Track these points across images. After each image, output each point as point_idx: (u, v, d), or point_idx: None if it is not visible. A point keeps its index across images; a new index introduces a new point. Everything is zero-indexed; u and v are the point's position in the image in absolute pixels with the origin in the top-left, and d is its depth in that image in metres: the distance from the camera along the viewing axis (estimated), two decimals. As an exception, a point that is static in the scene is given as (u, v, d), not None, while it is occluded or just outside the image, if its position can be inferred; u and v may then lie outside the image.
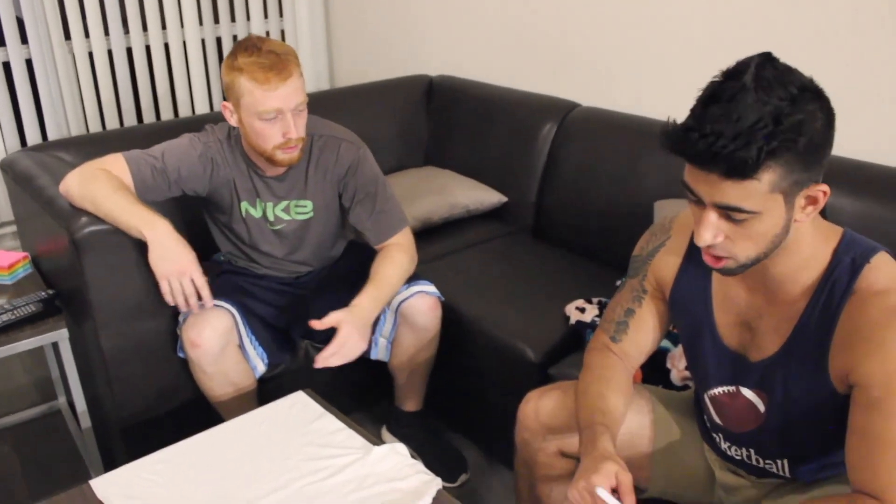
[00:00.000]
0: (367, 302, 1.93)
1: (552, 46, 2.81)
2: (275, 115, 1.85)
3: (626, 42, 2.57)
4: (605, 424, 1.35)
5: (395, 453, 1.56)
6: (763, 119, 1.02)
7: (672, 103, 2.45)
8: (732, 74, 1.08)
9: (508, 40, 2.97)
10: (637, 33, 2.52)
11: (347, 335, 1.86)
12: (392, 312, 2.06)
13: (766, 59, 1.08)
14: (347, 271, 2.18)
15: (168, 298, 1.86)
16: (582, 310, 2.06)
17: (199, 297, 1.89)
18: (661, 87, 2.50)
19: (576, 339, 2.03)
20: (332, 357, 1.86)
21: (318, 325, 1.86)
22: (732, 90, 1.05)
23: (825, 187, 1.12)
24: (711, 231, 1.13)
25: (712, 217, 1.12)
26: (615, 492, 1.22)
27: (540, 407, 1.54)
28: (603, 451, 1.27)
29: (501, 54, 3.01)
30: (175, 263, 1.83)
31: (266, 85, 1.82)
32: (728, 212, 1.10)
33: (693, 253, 1.38)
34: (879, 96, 2.02)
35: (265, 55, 1.82)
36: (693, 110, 1.09)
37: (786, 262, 1.19)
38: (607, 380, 1.45)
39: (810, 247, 1.19)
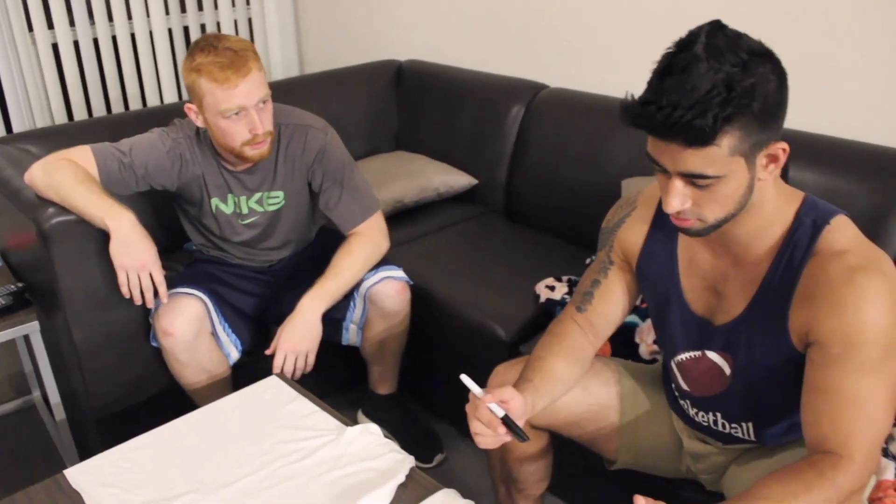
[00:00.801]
0: (308, 304, 1.95)
1: (520, 29, 2.82)
2: (238, 112, 1.84)
3: (593, 23, 2.58)
4: (535, 384, 1.40)
5: (368, 433, 1.57)
6: (716, 87, 1.05)
7: (639, 82, 2.47)
8: (684, 45, 1.10)
9: (477, 24, 2.98)
10: (604, 14, 2.54)
11: (281, 357, 1.93)
12: (361, 298, 2.07)
13: (716, 28, 1.11)
14: (319, 258, 2.18)
15: (124, 290, 1.85)
16: (552, 288, 2.08)
17: (156, 294, 1.88)
18: (628, 66, 2.52)
19: (546, 318, 2.05)
20: (281, 371, 1.92)
21: (269, 352, 1.95)
22: (685, 60, 1.08)
23: (784, 144, 1.15)
24: (679, 198, 1.16)
25: (678, 185, 1.15)
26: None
27: (507, 380, 1.55)
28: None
29: (470, 38, 3.02)
30: (135, 257, 1.83)
31: (226, 84, 1.80)
32: (693, 178, 1.13)
33: (659, 222, 1.41)
34: (840, 71, 2.05)
35: (222, 53, 1.81)
36: (650, 83, 1.11)
37: (749, 223, 1.22)
38: (555, 346, 1.48)
39: (773, 208, 1.22)
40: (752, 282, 1.28)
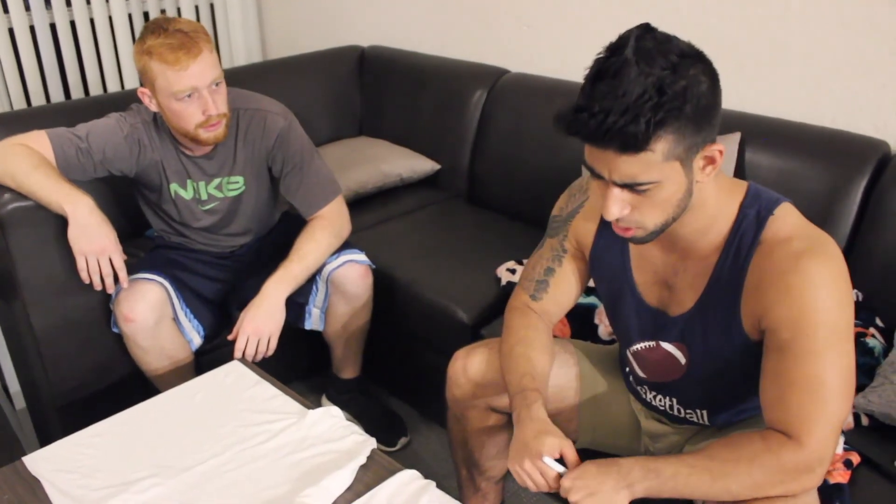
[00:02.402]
0: (272, 287, 1.95)
1: (481, 14, 2.83)
2: (190, 93, 1.83)
3: (553, 8, 2.60)
4: (537, 389, 1.39)
5: (329, 416, 1.58)
6: (647, 91, 1.05)
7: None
8: (614, 49, 1.10)
9: (439, 9, 2.98)
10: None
11: (243, 340, 1.92)
12: (323, 282, 2.08)
13: (645, 31, 1.11)
14: (282, 243, 2.18)
15: (83, 276, 1.84)
16: (513, 271, 2.10)
17: (116, 280, 1.88)
18: (588, 51, 2.51)
19: (507, 300, 2.07)
20: (242, 356, 1.92)
21: (231, 338, 1.94)
22: (616, 65, 1.07)
23: (720, 146, 1.15)
24: (617, 205, 1.17)
25: (616, 192, 1.15)
26: (560, 460, 1.28)
27: (468, 365, 1.57)
28: (541, 425, 1.31)
29: (432, 23, 3.02)
30: (94, 242, 1.82)
31: (177, 65, 1.79)
32: (629, 186, 1.14)
33: None
34: (791, 53, 2.09)
35: (172, 35, 1.79)
36: (582, 89, 1.11)
37: (693, 222, 1.23)
38: (531, 340, 1.48)
39: (715, 204, 1.23)
40: (701, 275, 1.29)
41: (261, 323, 1.93)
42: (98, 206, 1.84)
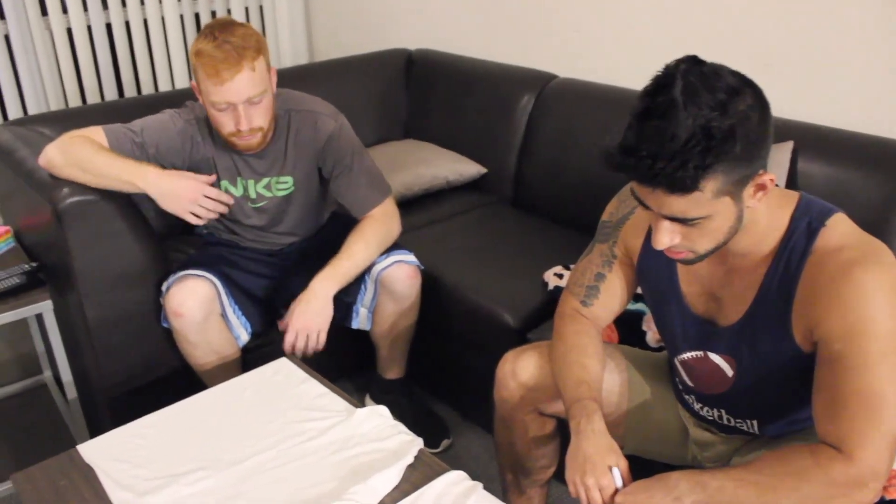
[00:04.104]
0: (320, 284, 1.98)
1: (529, 19, 2.83)
2: (226, 107, 1.87)
3: (602, 13, 2.59)
4: (594, 398, 1.39)
5: (377, 415, 1.59)
6: (695, 136, 1.04)
7: (647, 73, 2.48)
8: (662, 86, 1.08)
9: (487, 13, 2.99)
10: (612, 5, 2.54)
11: (292, 335, 1.96)
12: (372, 282, 2.09)
13: (693, 64, 1.09)
14: (330, 242, 2.20)
15: (200, 222, 1.97)
16: (560, 276, 2.09)
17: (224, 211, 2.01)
18: (636, 57, 2.53)
19: (554, 305, 2.05)
20: (293, 349, 1.96)
21: (282, 326, 1.99)
22: (663, 105, 1.06)
23: (772, 175, 1.14)
24: (667, 236, 1.17)
25: (665, 224, 1.16)
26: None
27: (517, 367, 1.57)
28: (604, 440, 1.32)
29: (480, 27, 3.03)
30: (183, 197, 1.92)
31: (215, 78, 1.82)
32: (679, 220, 1.14)
33: None
34: (845, 63, 2.06)
35: (220, 46, 1.82)
36: (629, 126, 1.10)
37: (744, 239, 1.22)
38: (583, 346, 1.48)
39: (766, 219, 1.22)
40: (750, 287, 1.28)
41: (310, 319, 1.95)
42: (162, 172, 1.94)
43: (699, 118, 1.04)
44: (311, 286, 1.97)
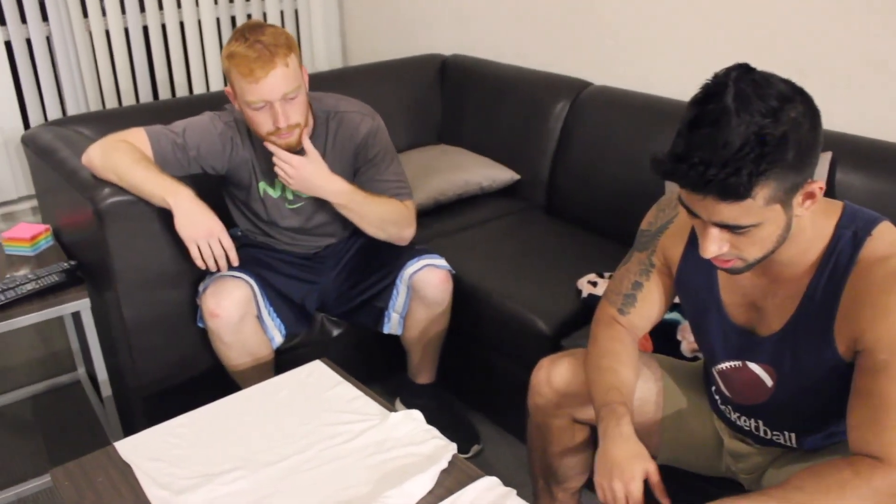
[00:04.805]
0: (340, 179, 2.00)
1: (565, 25, 2.83)
2: (262, 105, 1.88)
3: (637, 21, 2.58)
4: (624, 403, 1.39)
5: (411, 419, 1.60)
6: (748, 142, 1.04)
7: (683, 81, 2.47)
8: (713, 94, 1.08)
9: (521, 20, 2.99)
10: (649, 12, 2.54)
11: (299, 165, 1.95)
12: (404, 286, 2.10)
13: (744, 72, 1.09)
14: (365, 246, 2.22)
15: (199, 262, 1.91)
16: (594, 283, 2.08)
17: (228, 260, 1.94)
18: (671, 65, 2.52)
19: (588, 313, 2.05)
20: (286, 165, 1.95)
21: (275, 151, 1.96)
22: (715, 113, 1.06)
23: (821, 183, 1.13)
24: (716, 244, 1.16)
25: (714, 232, 1.15)
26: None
27: (552, 374, 1.57)
28: (634, 446, 1.32)
29: (514, 34, 3.03)
30: (201, 227, 1.88)
31: (249, 77, 1.84)
32: (729, 227, 1.13)
33: (696, 236, 1.40)
34: (887, 73, 2.04)
35: (252, 46, 1.84)
36: (679, 133, 1.10)
37: (790, 249, 1.22)
38: (617, 353, 1.48)
39: (811, 229, 1.21)
40: (793, 297, 1.27)
41: (305, 169, 1.96)
42: (196, 194, 1.91)
43: (752, 125, 1.04)
44: (331, 173, 1.99)
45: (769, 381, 1.35)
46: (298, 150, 2.02)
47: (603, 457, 1.33)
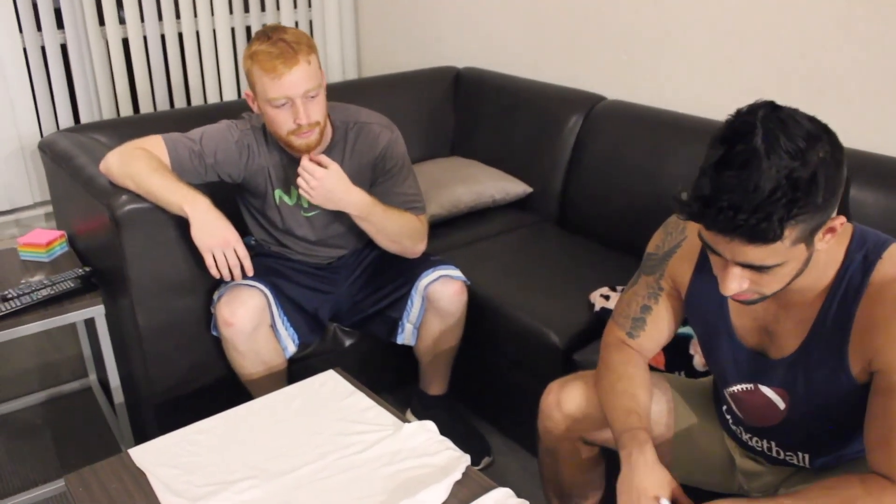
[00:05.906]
0: (359, 191, 2.00)
1: (579, 39, 2.84)
2: (284, 102, 1.90)
3: (652, 36, 2.59)
4: (644, 428, 1.38)
5: (424, 430, 1.60)
6: (780, 187, 1.02)
7: (697, 96, 2.48)
8: (741, 133, 1.06)
9: (535, 33, 3.00)
10: (663, 27, 2.55)
11: (323, 177, 1.94)
12: (419, 296, 2.10)
13: (770, 111, 1.08)
14: (379, 257, 2.22)
15: (213, 271, 1.92)
16: (606, 297, 2.09)
17: (242, 269, 1.95)
18: (686, 81, 2.52)
19: (600, 326, 2.04)
20: (309, 176, 1.94)
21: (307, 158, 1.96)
22: (744, 155, 1.04)
23: (842, 218, 1.13)
24: (736, 282, 1.15)
25: (736, 271, 1.14)
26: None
27: (562, 398, 1.56)
28: (658, 472, 1.31)
29: (528, 47, 3.04)
30: (217, 236, 1.90)
31: (272, 73, 1.86)
32: (752, 268, 1.13)
33: (705, 260, 1.38)
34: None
35: (275, 44, 1.87)
36: (704, 173, 1.08)
37: (805, 278, 1.21)
38: (631, 377, 1.47)
39: (825, 256, 1.20)
40: (804, 321, 1.27)
41: (327, 181, 1.95)
42: (213, 204, 1.92)
43: (782, 169, 1.02)
44: (353, 186, 2.00)
45: (781, 404, 1.35)
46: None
47: (627, 484, 1.32)
